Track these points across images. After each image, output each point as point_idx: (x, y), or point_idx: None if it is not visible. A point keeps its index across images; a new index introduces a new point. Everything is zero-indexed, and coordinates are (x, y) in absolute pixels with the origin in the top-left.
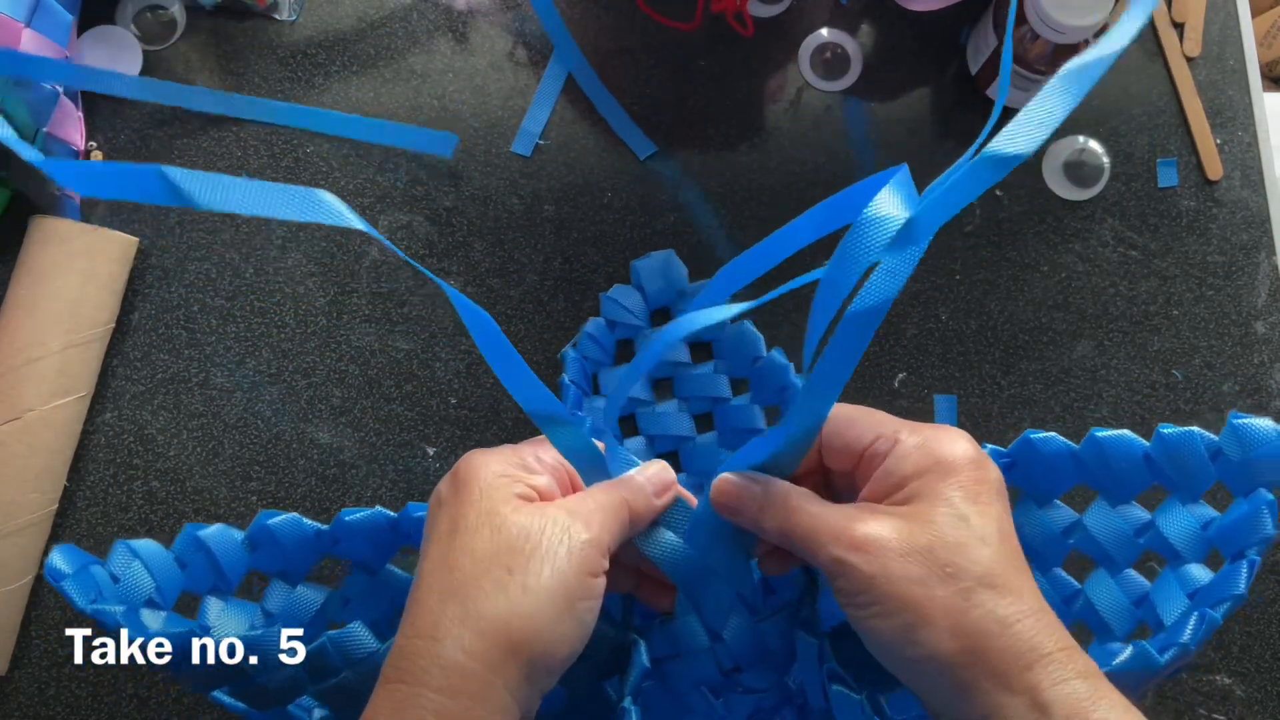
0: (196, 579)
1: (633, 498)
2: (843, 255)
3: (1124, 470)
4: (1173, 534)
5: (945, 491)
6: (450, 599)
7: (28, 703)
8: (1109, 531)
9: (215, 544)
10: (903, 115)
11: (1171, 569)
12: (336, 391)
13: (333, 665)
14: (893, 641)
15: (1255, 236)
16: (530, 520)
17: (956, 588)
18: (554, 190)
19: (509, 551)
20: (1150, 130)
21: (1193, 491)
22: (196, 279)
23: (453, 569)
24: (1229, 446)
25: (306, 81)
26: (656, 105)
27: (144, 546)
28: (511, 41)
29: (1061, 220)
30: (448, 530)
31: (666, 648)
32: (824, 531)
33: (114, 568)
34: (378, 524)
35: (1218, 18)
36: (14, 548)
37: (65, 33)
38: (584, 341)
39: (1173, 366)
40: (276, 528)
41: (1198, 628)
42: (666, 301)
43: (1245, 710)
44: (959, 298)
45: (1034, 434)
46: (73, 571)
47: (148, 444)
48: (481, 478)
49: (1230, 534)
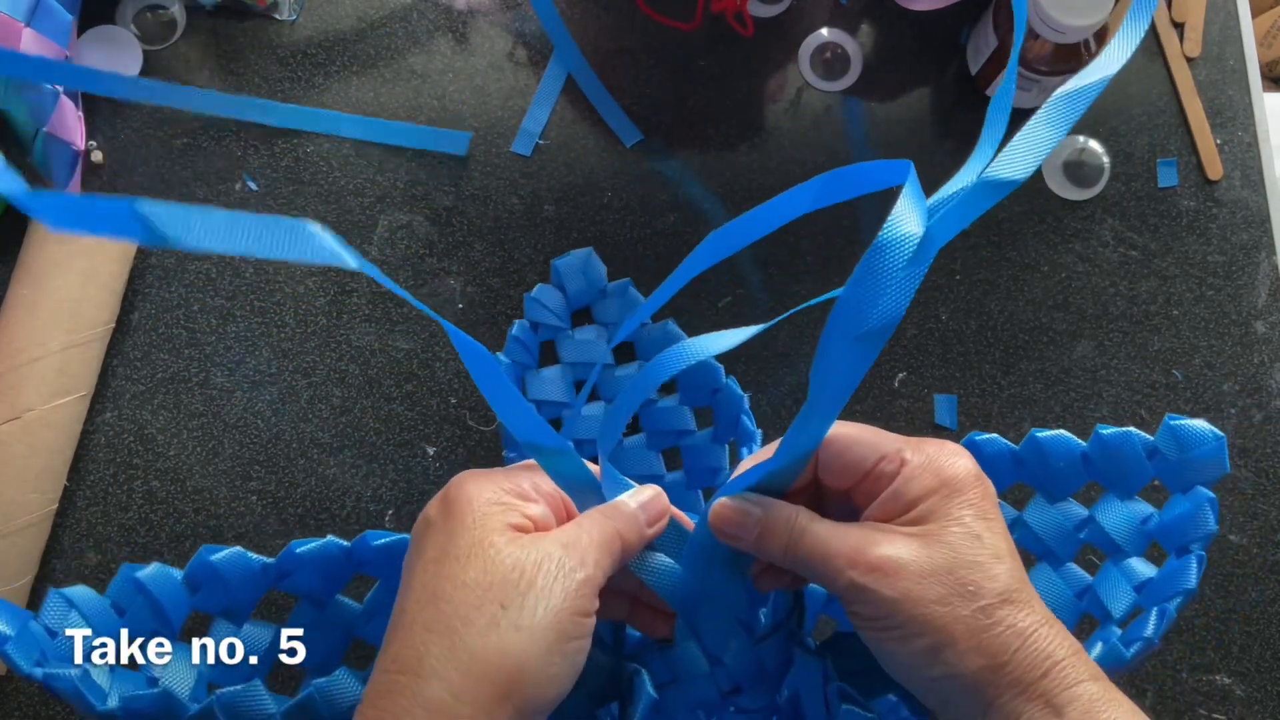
0: (136, 624)
1: (625, 528)
2: (863, 274)
3: (1061, 469)
4: (1112, 528)
5: (956, 511)
6: (436, 633)
7: (28, 703)
8: (1049, 527)
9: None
10: (903, 115)
11: (1113, 562)
12: (336, 391)
13: (319, 714)
14: (916, 663)
15: (1255, 236)
16: (525, 554)
17: (978, 606)
18: (554, 190)
19: (502, 585)
20: (1150, 130)
21: (1129, 489)
22: (196, 279)
23: (440, 600)
24: (1166, 446)
25: (306, 81)
26: (656, 105)
27: (78, 594)
28: (511, 41)
29: (1061, 220)
30: (436, 557)
31: (664, 674)
32: (838, 556)
33: (48, 620)
34: (330, 554)
35: (1218, 18)
36: (14, 548)
37: (65, 33)
38: (510, 345)
39: (1173, 366)
40: (220, 564)
41: (1159, 623)
42: (587, 301)
43: (1245, 710)
44: (959, 298)
45: (978, 435)
46: (15, 633)
47: (148, 444)
48: (474, 504)
49: (1172, 529)
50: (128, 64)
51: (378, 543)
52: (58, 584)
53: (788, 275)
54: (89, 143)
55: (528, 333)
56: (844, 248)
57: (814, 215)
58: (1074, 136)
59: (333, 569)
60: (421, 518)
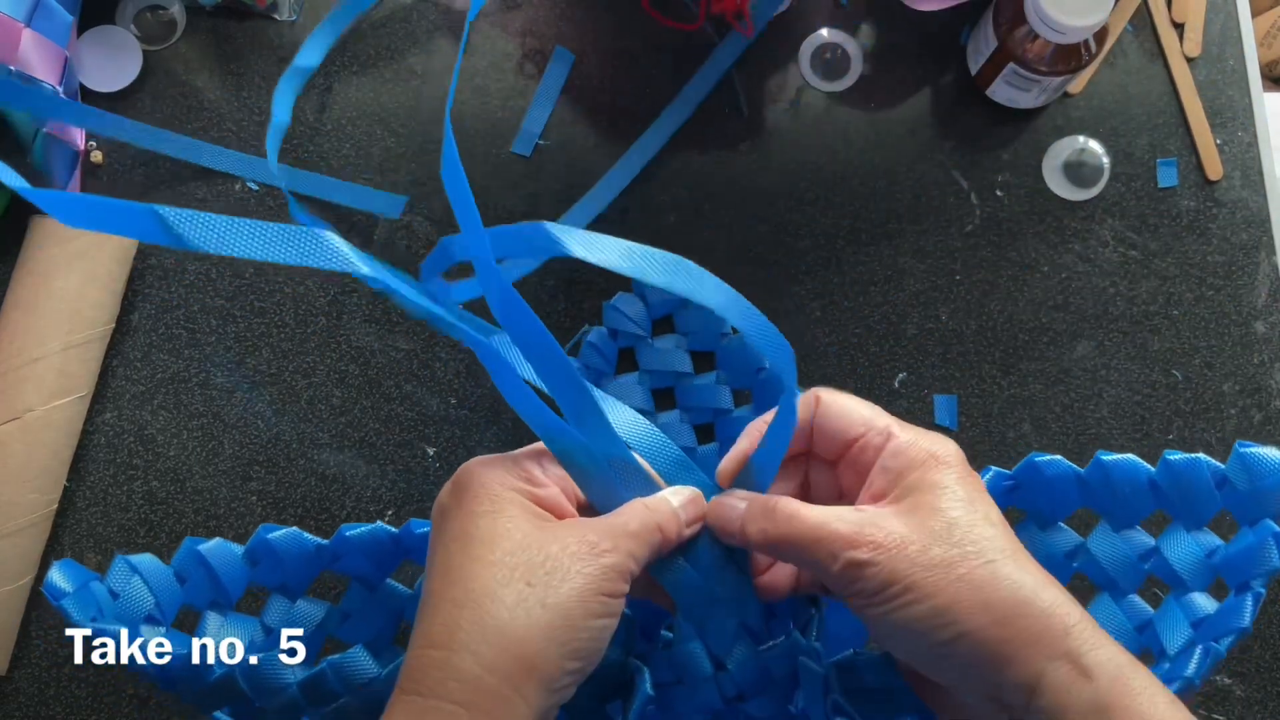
0: (195, 594)
1: (665, 522)
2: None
3: (1128, 495)
4: (1177, 561)
5: (944, 481)
6: (465, 609)
7: (28, 703)
8: (1113, 556)
9: (215, 558)
10: (903, 115)
11: (1175, 596)
12: (336, 391)
13: (332, 690)
14: (925, 629)
15: (1255, 236)
16: (548, 535)
17: (979, 563)
18: (554, 190)
19: (528, 565)
20: (1150, 130)
21: (1197, 519)
22: (196, 279)
23: (467, 580)
24: (1235, 475)
25: (306, 81)
26: (656, 105)
27: (143, 561)
28: (512, 41)
29: (1061, 220)
30: (457, 540)
31: (669, 674)
32: (834, 539)
33: (113, 583)
34: (379, 539)
35: (1218, 18)
36: (14, 548)
37: (65, 33)
38: (586, 351)
39: (1173, 366)
40: (276, 542)
41: (1202, 661)
42: (669, 310)
43: (1245, 710)
44: (959, 298)
45: (1039, 457)
46: (73, 589)
47: (148, 444)
48: (489, 488)
49: (1235, 564)
50: (128, 64)
51: (421, 530)
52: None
53: (788, 276)
54: (89, 143)
55: (605, 340)
56: (844, 249)
57: (814, 216)
58: (1074, 137)
59: (382, 554)
60: (437, 505)
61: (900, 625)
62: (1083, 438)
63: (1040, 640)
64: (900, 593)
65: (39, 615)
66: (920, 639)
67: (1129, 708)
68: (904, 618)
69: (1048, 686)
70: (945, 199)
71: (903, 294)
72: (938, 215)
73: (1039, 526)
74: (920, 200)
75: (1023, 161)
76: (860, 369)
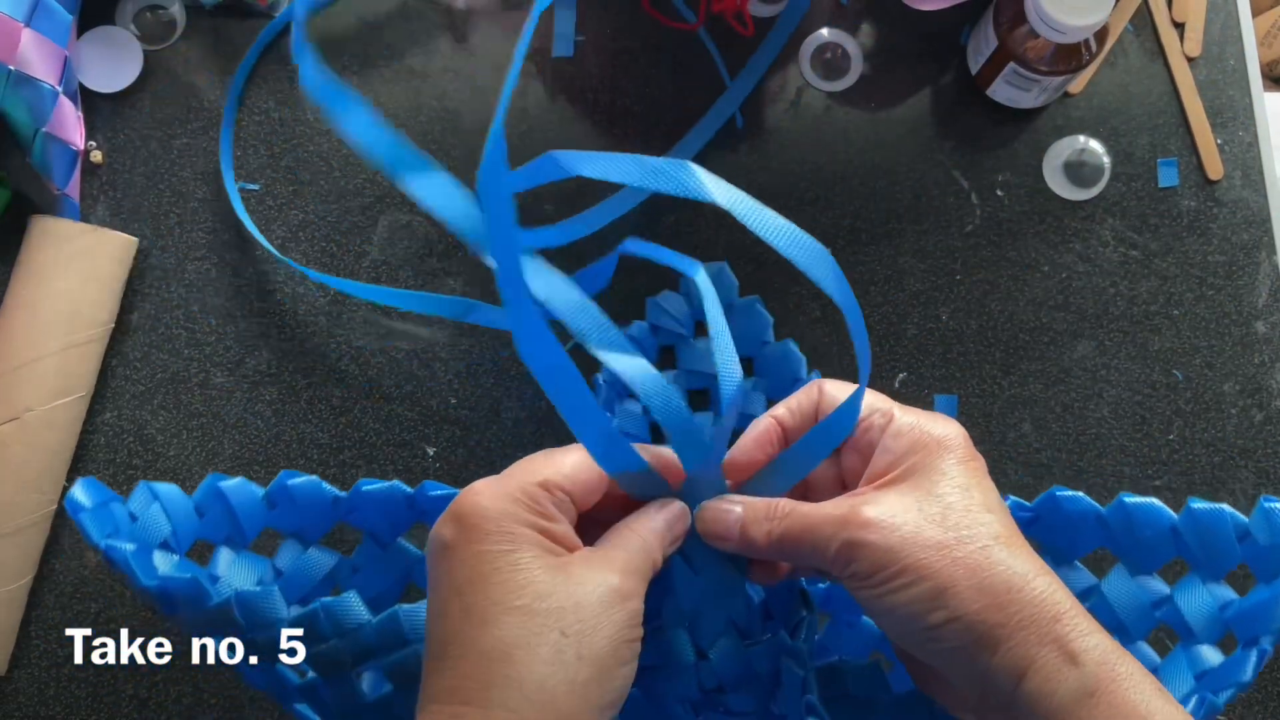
0: (213, 528)
1: (657, 550)
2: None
3: (1149, 539)
4: (1190, 612)
5: (943, 465)
6: (497, 664)
7: (28, 703)
8: (1126, 601)
9: (235, 496)
10: (903, 115)
11: (1183, 647)
12: (336, 391)
13: (323, 632)
14: (917, 611)
15: (1256, 236)
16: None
17: (975, 547)
18: (554, 190)
19: (559, 612)
20: (1150, 130)
21: (1216, 571)
22: (196, 279)
23: (492, 626)
24: (1258, 529)
25: None
26: (656, 105)
27: (165, 490)
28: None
29: (1061, 220)
30: (473, 583)
31: (653, 657)
32: (827, 523)
33: (133, 507)
34: (394, 498)
35: (1218, 18)
36: (14, 548)
37: (65, 33)
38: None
39: (1173, 366)
40: (295, 488)
41: (1197, 711)
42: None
43: (1245, 710)
44: (959, 298)
45: (1060, 491)
46: (92, 506)
47: (148, 444)
48: (500, 523)
49: (1247, 618)
50: (128, 64)
51: (435, 493)
52: (57, 584)
53: (788, 276)
54: (89, 143)
55: (646, 335)
56: (844, 249)
57: (814, 216)
58: (1074, 137)
59: (396, 512)
60: (435, 540)
61: (894, 607)
62: (1083, 438)
63: (1030, 626)
64: (894, 575)
65: (39, 615)
66: (913, 621)
67: (1114, 693)
68: (897, 600)
69: (1035, 671)
70: (945, 199)
71: (903, 294)
72: (938, 215)
73: (1054, 562)
74: (920, 200)
75: (1023, 161)
76: None
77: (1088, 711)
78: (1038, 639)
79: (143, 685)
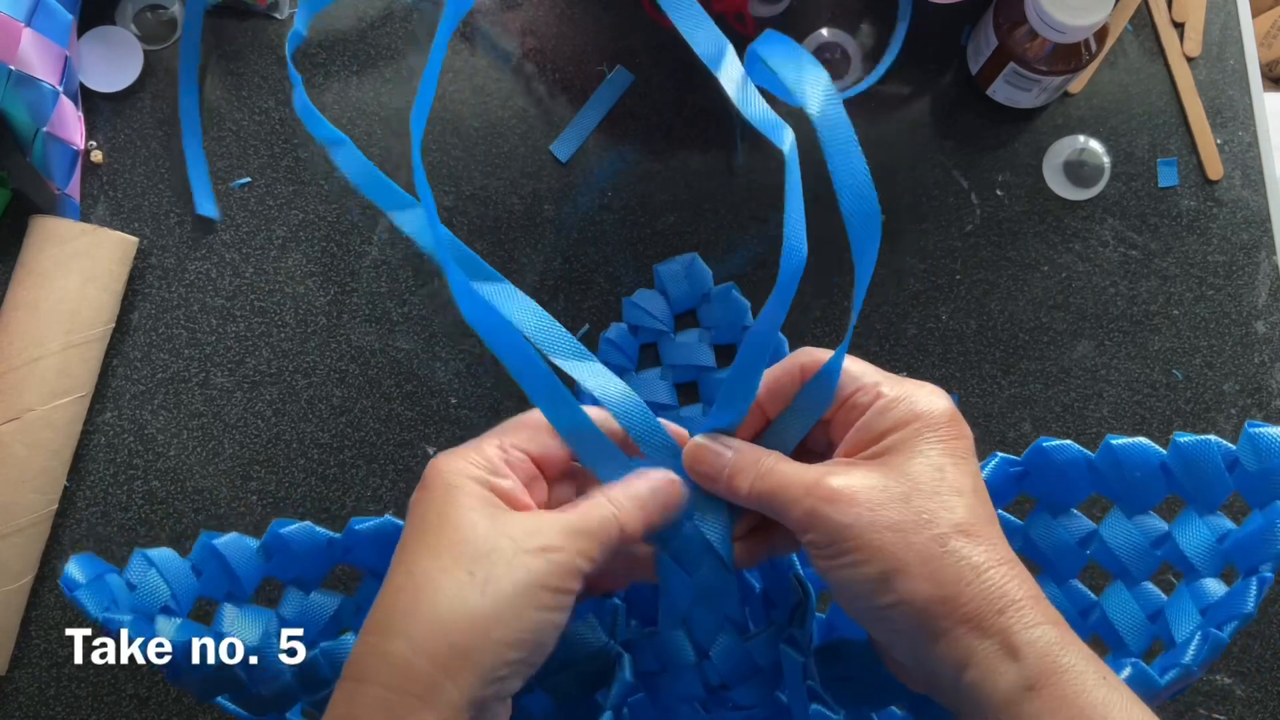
0: (212, 586)
1: (628, 516)
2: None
3: (1140, 480)
4: (1189, 547)
5: (922, 445)
6: (403, 595)
7: (28, 703)
8: (1126, 543)
9: (229, 552)
10: (903, 115)
11: (1187, 583)
12: (336, 391)
13: (324, 677)
14: (867, 590)
15: (1255, 236)
16: (499, 527)
17: (932, 534)
18: (554, 190)
19: (472, 556)
20: (1150, 130)
21: (1209, 502)
22: (196, 279)
23: (411, 567)
24: (1245, 457)
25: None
26: (656, 105)
27: (160, 555)
28: (512, 41)
29: (1061, 220)
30: (412, 531)
31: (654, 662)
32: (796, 486)
33: (131, 576)
34: (388, 532)
35: (1218, 18)
36: (14, 548)
37: (65, 33)
38: (604, 347)
39: (1173, 366)
40: (289, 536)
41: (1200, 648)
42: (691, 305)
43: (1245, 710)
44: (959, 298)
45: (1047, 441)
46: (87, 580)
47: (148, 444)
48: (445, 478)
49: (1245, 547)
50: (128, 64)
51: None
52: (57, 584)
53: None
54: (89, 143)
55: (625, 336)
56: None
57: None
58: (1074, 136)
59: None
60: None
61: (845, 581)
62: (1083, 438)
63: (973, 618)
64: (849, 550)
65: (39, 615)
66: (863, 600)
67: (1057, 685)
68: (850, 576)
69: (975, 665)
70: (945, 199)
71: (903, 294)
72: (938, 215)
73: (1051, 514)
74: (920, 200)
75: (1023, 161)
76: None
77: (1030, 704)
78: (980, 632)
79: (143, 685)
